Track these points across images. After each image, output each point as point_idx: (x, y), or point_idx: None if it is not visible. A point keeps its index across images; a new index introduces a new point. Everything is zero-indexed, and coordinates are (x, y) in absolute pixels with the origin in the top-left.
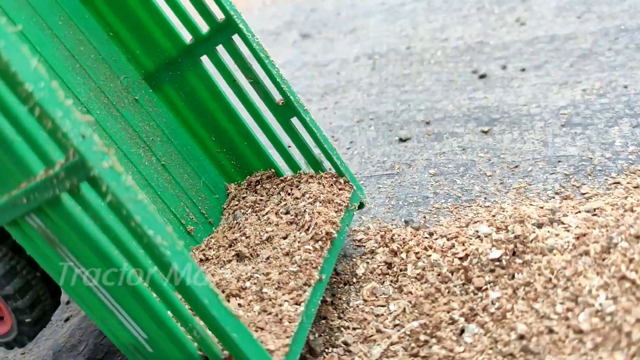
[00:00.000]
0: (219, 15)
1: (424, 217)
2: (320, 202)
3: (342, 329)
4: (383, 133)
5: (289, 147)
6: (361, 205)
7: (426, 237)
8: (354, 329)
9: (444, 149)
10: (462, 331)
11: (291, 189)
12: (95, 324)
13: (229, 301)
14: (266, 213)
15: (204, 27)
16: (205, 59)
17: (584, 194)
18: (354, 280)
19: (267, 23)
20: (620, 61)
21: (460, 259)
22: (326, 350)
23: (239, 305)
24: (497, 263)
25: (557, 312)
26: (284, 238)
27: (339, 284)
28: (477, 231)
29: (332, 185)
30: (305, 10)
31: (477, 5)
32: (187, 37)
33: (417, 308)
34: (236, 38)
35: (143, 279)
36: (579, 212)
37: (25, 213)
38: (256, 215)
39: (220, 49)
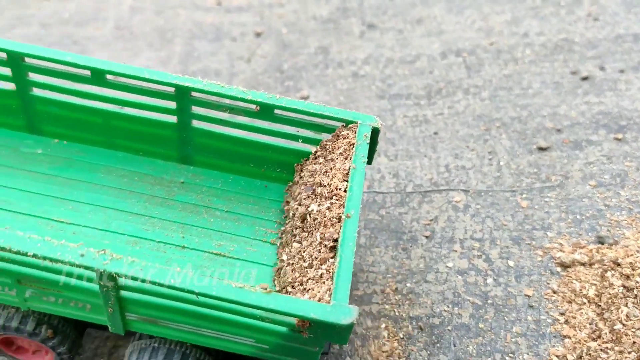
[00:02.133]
0: (170, 89)
1: (609, 231)
2: (323, 174)
3: (607, 350)
4: (518, 141)
5: (297, 131)
6: (375, 130)
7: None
8: (629, 351)
9: (590, 158)
10: None
11: (308, 166)
12: (237, 353)
13: (293, 287)
14: (297, 195)
15: (172, 104)
16: (195, 122)
17: None
18: (585, 301)
19: (315, 8)
20: None
21: None
22: None
23: (301, 284)
24: None
25: None
26: (310, 214)
27: (563, 302)
28: None
29: (335, 140)
30: None
31: None
32: (171, 118)
33: None
34: (194, 94)
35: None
36: None
37: (122, 315)
38: (298, 202)
39: (195, 108)
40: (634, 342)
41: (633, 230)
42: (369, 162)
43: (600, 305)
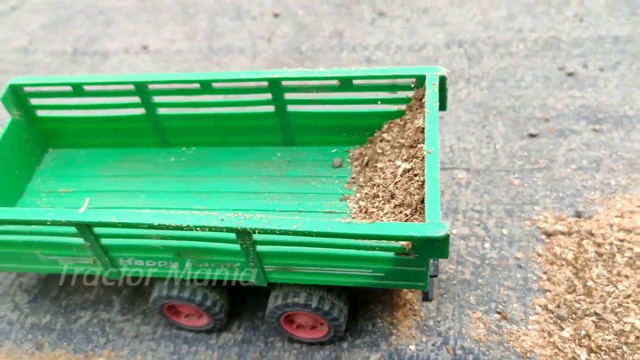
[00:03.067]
0: (264, 83)
1: (585, 207)
2: (401, 138)
3: (580, 301)
4: (512, 128)
5: (376, 94)
6: (442, 78)
7: (610, 230)
8: (597, 303)
9: (571, 145)
10: None
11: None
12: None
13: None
14: (381, 140)
15: (268, 96)
16: (290, 107)
17: None
18: (564, 263)
19: None
20: None
21: None
22: (575, 317)
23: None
24: None
25: None
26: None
27: (546, 263)
28: None
29: (412, 107)
30: None
31: None
32: (270, 108)
33: None
34: (284, 82)
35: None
36: None
37: (262, 268)
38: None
39: (288, 95)
40: (601, 295)
41: (604, 207)
42: (443, 107)
43: (576, 267)
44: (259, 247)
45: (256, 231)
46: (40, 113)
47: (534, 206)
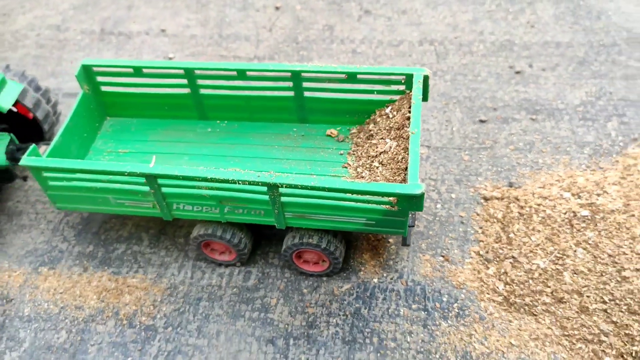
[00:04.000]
0: (287, 74)
1: (516, 179)
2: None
3: (503, 249)
4: (467, 114)
5: (375, 92)
6: (426, 77)
7: (532, 197)
8: (515, 249)
9: (512, 130)
10: (575, 252)
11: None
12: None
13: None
14: (375, 122)
15: (289, 84)
16: (306, 93)
17: (602, 167)
18: (495, 220)
19: None
20: (604, 71)
21: (564, 213)
22: (498, 260)
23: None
24: (588, 217)
25: (632, 246)
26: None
27: (482, 221)
28: (562, 195)
29: (399, 109)
30: None
31: (496, 2)
32: (290, 93)
33: (549, 240)
34: (304, 74)
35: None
36: (609, 184)
37: (283, 215)
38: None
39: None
40: (519, 244)
41: (531, 180)
42: (425, 98)
43: (503, 223)
44: (283, 198)
45: (283, 185)
46: (104, 88)
47: (478, 177)
